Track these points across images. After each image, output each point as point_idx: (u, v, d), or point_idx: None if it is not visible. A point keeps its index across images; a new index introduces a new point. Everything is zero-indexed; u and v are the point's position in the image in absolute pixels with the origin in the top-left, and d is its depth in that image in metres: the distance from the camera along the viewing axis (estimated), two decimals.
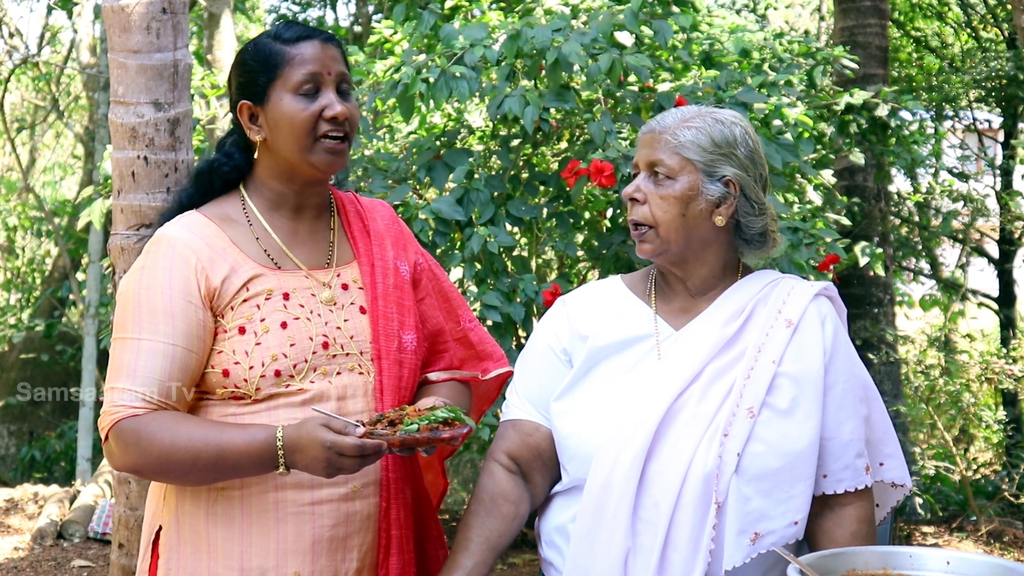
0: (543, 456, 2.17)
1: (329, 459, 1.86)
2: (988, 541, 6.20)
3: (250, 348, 2.00)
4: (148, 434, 1.93)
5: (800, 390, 2.04)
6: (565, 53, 3.99)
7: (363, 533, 2.07)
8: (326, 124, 2.03)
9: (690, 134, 2.09)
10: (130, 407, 1.95)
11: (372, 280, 2.13)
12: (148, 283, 2.01)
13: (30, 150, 12.46)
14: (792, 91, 4.86)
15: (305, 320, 2.05)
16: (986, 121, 9.71)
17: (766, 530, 1.98)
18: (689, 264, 2.13)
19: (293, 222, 2.12)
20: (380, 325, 2.10)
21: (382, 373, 2.08)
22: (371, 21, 10.15)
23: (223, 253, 2.04)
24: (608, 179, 3.96)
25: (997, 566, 1.78)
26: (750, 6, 11.65)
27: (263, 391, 2.00)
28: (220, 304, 2.02)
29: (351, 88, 2.09)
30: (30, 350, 9.92)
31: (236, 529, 2.02)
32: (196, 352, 2.00)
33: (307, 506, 2.02)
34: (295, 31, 2.07)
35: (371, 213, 2.23)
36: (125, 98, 2.88)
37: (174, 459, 1.93)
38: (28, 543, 6.23)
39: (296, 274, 2.09)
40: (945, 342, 7.75)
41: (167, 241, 2.04)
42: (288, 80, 2.03)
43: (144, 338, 1.98)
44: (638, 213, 2.11)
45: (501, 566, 5.69)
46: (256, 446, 1.91)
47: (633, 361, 2.12)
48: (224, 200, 2.13)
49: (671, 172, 2.09)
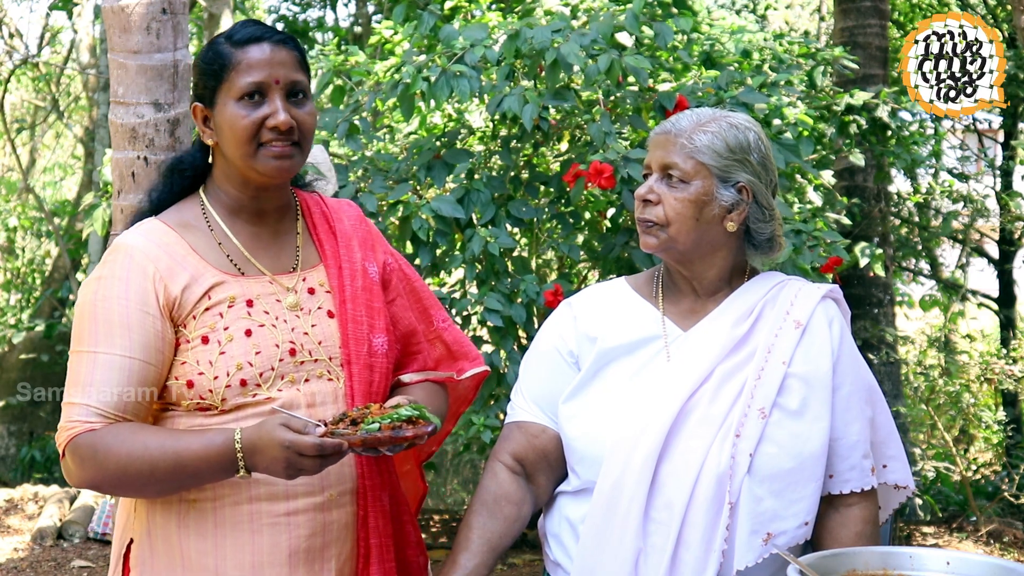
0: (549, 458, 2.17)
1: (288, 459, 1.81)
2: (988, 541, 6.20)
3: (214, 358, 1.95)
4: (104, 448, 1.88)
5: (810, 391, 2.04)
6: (564, 54, 3.99)
7: (340, 542, 2.03)
8: (269, 133, 1.96)
9: (706, 139, 2.08)
10: (85, 422, 1.90)
11: (340, 283, 2.08)
12: (104, 294, 1.95)
13: (30, 151, 12.46)
14: (792, 91, 4.86)
15: (270, 327, 2.00)
16: (986, 121, 9.71)
17: (778, 530, 1.98)
18: (695, 265, 2.13)
19: (255, 227, 2.07)
20: (349, 329, 2.05)
21: (352, 378, 2.03)
22: (371, 21, 10.15)
23: (183, 261, 1.99)
24: (608, 181, 3.96)
25: (997, 566, 1.78)
26: (750, 6, 11.65)
27: (229, 401, 1.95)
28: (181, 314, 1.97)
29: (306, 92, 2.02)
30: (30, 350, 9.92)
31: (210, 541, 1.97)
32: (154, 364, 1.95)
33: (282, 517, 1.97)
34: (246, 32, 2.00)
35: (337, 214, 2.17)
36: (125, 98, 2.88)
37: (131, 471, 1.88)
38: (28, 543, 6.23)
39: (260, 280, 2.03)
40: (945, 342, 7.75)
41: (124, 250, 1.98)
42: (233, 86, 1.96)
43: (100, 351, 1.93)
44: (651, 213, 2.09)
45: (501, 566, 5.69)
46: (214, 450, 1.86)
47: (642, 363, 2.12)
48: (185, 205, 2.07)
49: (685, 176, 2.08)
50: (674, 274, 2.17)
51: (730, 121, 2.12)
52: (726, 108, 2.64)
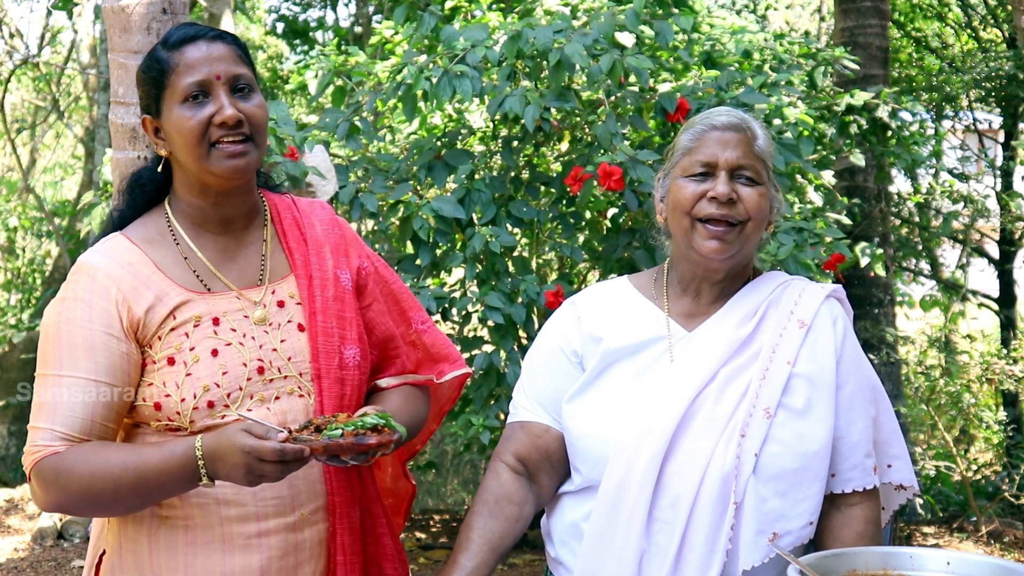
0: (552, 458, 2.16)
1: (249, 465, 1.76)
2: (988, 542, 6.20)
3: (180, 379, 1.92)
4: (66, 469, 1.85)
5: (815, 391, 2.04)
6: (568, 54, 3.99)
7: (315, 560, 2.01)
8: (218, 130, 1.92)
9: (763, 139, 2.10)
10: (48, 447, 1.88)
11: (310, 294, 2.03)
12: (68, 316, 1.92)
13: (30, 151, 12.45)
14: (793, 91, 4.87)
15: (237, 345, 1.96)
16: (986, 121, 9.71)
17: (783, 530, 1.98)
18: (731, 271, 2.13)
19: (222, 237, 2.02)
20: (320, 342, 2.01)
21: (322, 393, 2.00)
22: (371, 22, 10.15)
23: (147, 281, 1.94)
24: (617, 183, 3.95)
25: (997, 567, 1.78)
26: (750, 6, 11.65)
27: (198, 423, 1.92)
28: (146, 335, 1.93)
29: (252, 85, 1.97)
30: (30, 350, 9.91)
31: (180, 558, 1.94)
32: (119, 386, 1.92)
33: (254, 538, 1.95)
34: (179, 34, 1.96)
35: (309, 219, 2.12)
36: (125, 98, 2.88)
37: (95, 490, 1.85)
38: (28, 543, 6.23)
39: (227, 296, 1.99)
40: (945, 343, 7.75)
41: (87, 271, 1.94)
42: (175, 90, 1.93)
43: (64, 374, 1.90)
44: (730, 211, 2.05)
45: (502, 567, 5.70)
46: (175, 460, 1.83)
47: (646, 363, 2.11)
48: (150, 218, 2.03)
49: (759, 176, 2.08)
50: (684, 276, 2.16)
51: (758, 122, 2.15)
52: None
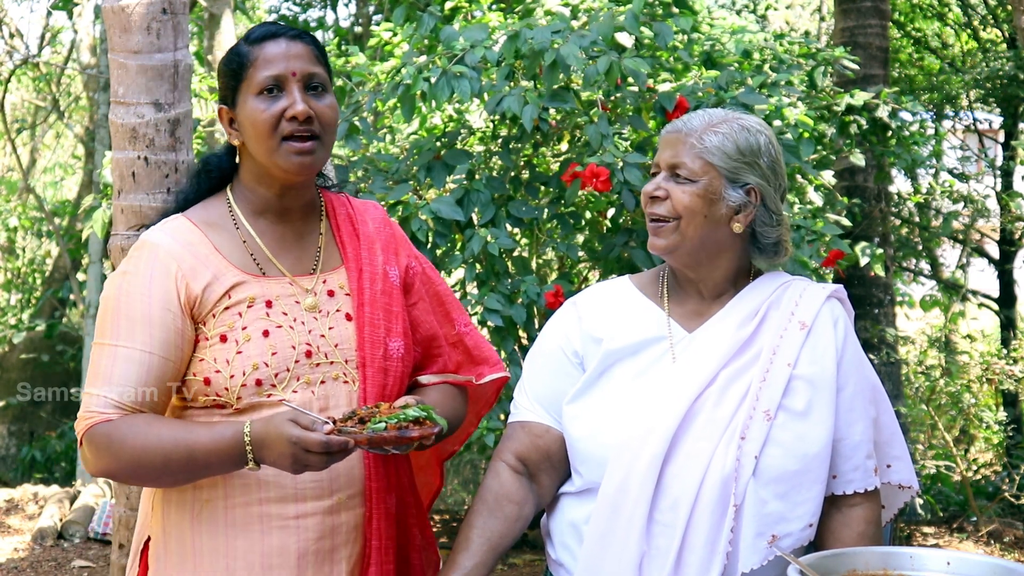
0: (552, 458, 2.16)
1: (295, 455, 1.84)
2: (988, 542, 6.20)
3: (231, 356, 1.99)
4: (119, 438, 1.93)
5: (815, 392, 2.04)
6: (563, 55, 3.99)
7: (351, 545, 2.06)
8: (289, 124, 1.99)
9: (716, 139, 2.08)
10: (102, 413, 1.95)
11: (359, 286, 2.10)
12: (128, 289, 2.00)
13: (31, 151, 12.45)
14: (793, 91, 4.86)
15: (288, 328, 2.03)
16: (986, 121, 9.71)
17: (783, 532, 1.98)
18: (702, 266, 2.12)
19: (279, 226, 2.10)
20: (366, 332, 2.07)
21: (366, 381, 2.06)
22: (371, 22, 10.15)
23: (205, 260, 2.02)
24: (603, 184, 3.96)
25: (997, 567, 1.78)
26: (750, 7, 11.65)
27: (244, 400, 1.99)
28: (201, 312, 2.01)
29: (325, 86, 2.05)
30: (31, 350, 9.92)
31: (221, 540, 2.01)
32: (173, 360, 1.99)
33: (292, 520, 2.01)
34: (261, 31, 2.05)
35: (362, 216, 2.21)
36: (125, 99, 2.88)
37: (145, 462, 1.93)
38: (28, 543, 6.23)
39: (280, 281, 2.06)
40: (945, 343, 7.75)
41: (149, 248, 2.03)
42: (252, 82, 2.01)
43: (121, 345, 1.98)
44: (660, 207, 2.08)
45: (501, 566, 5.69)
46: (224, 443, 1.90)
47: (647, 364, 2.11)
48: (212, 203, 2.12)
49: (693, 175, 2.07)
50: (679, 276, 2.17)
51: (742, 123, 2.12)
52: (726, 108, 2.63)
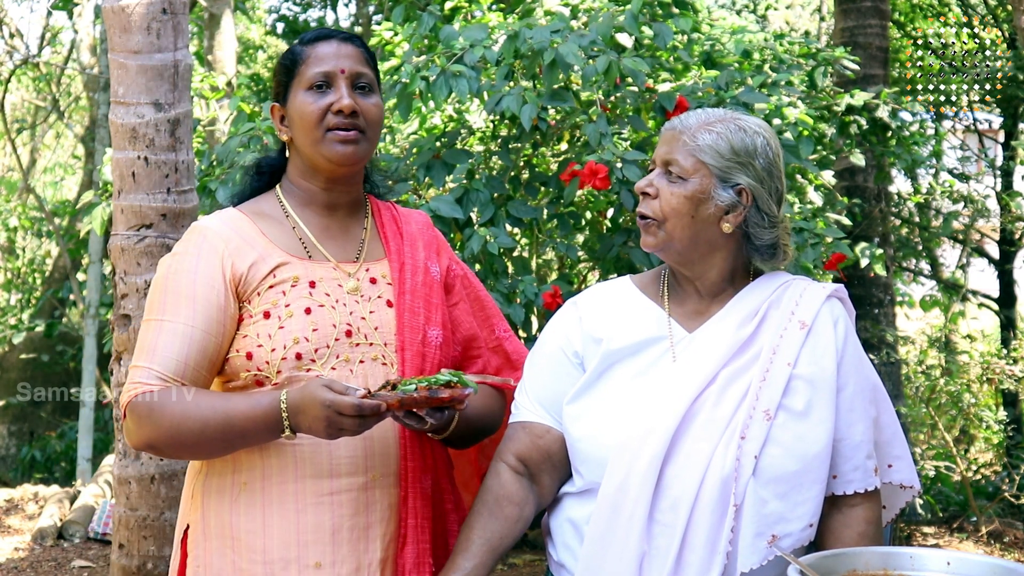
0: (553, 459, 2.16)
1: (329, 418, 1.89)
2: (988, 542, 6.21)
3: (273, 331, 2.07)
4: (159, 408, 2.01)
5: (815, 392, 2.04)
6: (562, 54, 3.99)
7: (386, 523, 2.11)
8: (334, 117, 2.11)
9: (710, 138, 2.08)
10: (145, 384, 2.03)
11: (400, 276, 2.19)
12: (176, 268, 2.11)
13: (31, 150, 12.46)
14: (793, 91, 4.86)
15: (330, 308, 2.11)
16: (986, 121, 9.72)
17: (783, 532, 1.97)
18: (695, 264, 2.13)
19: (326, 219, 2.20)
20: (406, 319, 2.15)
21: (404, 364, 2.12)
22: (371, 22, 10.16)
23: (252, 242, 2.13)
24: (602, 182, 3.95)
25: (997, 567, 1.78)
26: (750, 7, 11.66)
27: (284, 374, 2.06)
28: (246, 290, 2.10)
29: (372, 86, 2.16)
30: (30, 350, 9.93)
31: (258, 520, 2.07)
32: (215, 336, 2.07)
33: (326, 496, 2.06)
34: (315, 33, 2.19)
35: (407, 218, 2.30)
36: (125, 98, 2.88)
37: (184, 430, 2.00)
38: (28, 543, 6.23)
39: (324, 264, 2.15)
40: (945, 343, 7.75)
41: (199, 231, 2.15)
42: (303, 78, 2.14)
43: (166, 319, 2.07)
44: (648, 207, 2.10)
45: (501, 567, 5.69)
46: (261, 410, 1.97)
47: (647, 364, 2.11)
48: (262, 198, 2.23)
49: (684, 173, 2.08)
50: (678, 275, 2.17)
51: (739, 124, 2.11)
52: (726, 108, 2.63)
